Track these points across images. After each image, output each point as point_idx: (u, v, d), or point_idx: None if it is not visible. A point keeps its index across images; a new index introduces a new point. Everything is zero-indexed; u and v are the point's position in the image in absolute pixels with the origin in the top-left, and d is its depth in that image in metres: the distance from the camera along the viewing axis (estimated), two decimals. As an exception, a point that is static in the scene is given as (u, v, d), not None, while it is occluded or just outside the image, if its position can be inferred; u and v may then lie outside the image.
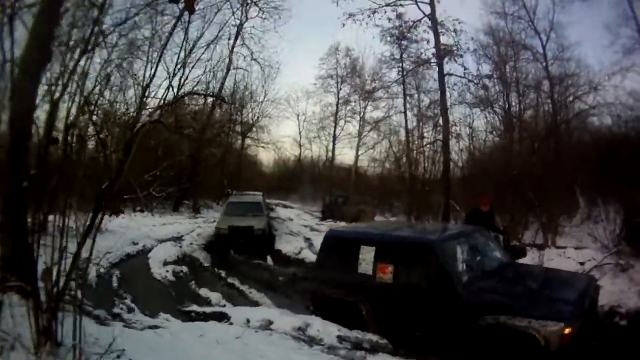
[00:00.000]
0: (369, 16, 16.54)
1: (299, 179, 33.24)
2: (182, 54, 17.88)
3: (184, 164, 20.52)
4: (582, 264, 8.24)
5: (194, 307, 6.86)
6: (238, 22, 23.33)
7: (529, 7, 19.05)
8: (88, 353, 2.90)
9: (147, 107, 13.27)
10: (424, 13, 16.33)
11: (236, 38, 23.49)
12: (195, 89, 20.35)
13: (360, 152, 29.73)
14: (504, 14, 19.40)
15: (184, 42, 18.51)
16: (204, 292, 7.92)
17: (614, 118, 16.08)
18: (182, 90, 18.91)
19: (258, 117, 30.12)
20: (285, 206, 25.95)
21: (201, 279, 9.08)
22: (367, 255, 5.55)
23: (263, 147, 31.55)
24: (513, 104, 19.54)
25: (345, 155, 34.65)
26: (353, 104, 30.14)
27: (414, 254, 5.30)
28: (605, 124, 16.84)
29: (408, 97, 23.03)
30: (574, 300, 4.56)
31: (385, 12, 16.66)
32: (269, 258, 11.19)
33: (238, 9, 22.79)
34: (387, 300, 5.37)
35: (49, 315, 2.95)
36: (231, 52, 23.15)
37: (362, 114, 29.68)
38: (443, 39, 16.49)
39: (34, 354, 2.90)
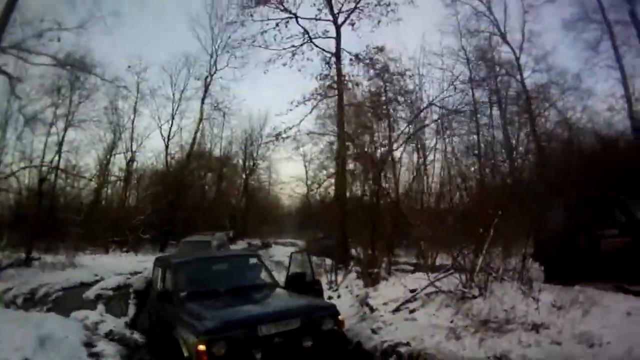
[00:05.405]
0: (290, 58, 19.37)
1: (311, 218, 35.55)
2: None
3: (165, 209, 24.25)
4: (412, 291, 7.61)
5: (78, 312, 9.18)
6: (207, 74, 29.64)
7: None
8: None
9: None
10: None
11: (206, 90, 30.08)
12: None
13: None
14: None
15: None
16: (99, 305, 10.39)
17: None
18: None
19: (254, 161, 35.24)
20: (291, 244, 27.40)
21: (114, 299, 11.45)
22: (160, 272, 7.24)
23: (267, 188, 36.74)
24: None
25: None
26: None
27: (164, 270, 6.99)
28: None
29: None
30: (227, 322, 4.89)
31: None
32: None
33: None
34: (155, 308, 7.14)
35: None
36: (202, 103, 30.15)
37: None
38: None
39: None
